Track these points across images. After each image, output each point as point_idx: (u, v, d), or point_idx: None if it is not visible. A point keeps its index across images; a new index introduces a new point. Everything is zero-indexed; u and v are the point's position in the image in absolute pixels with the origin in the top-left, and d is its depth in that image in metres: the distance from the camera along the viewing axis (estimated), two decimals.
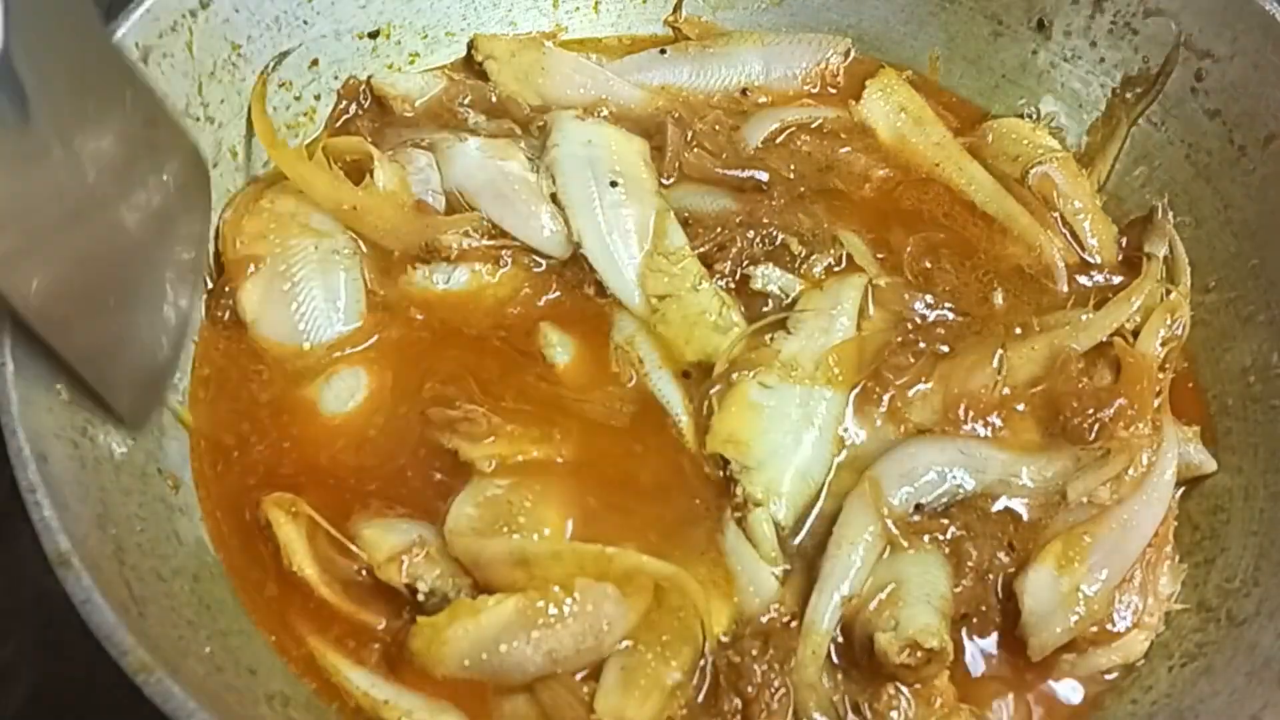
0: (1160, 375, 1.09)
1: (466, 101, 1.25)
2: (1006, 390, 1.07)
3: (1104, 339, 1.10)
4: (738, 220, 1.16)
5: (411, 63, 1.27)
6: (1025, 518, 1.01)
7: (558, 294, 1.12)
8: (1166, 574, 1.00)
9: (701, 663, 0.92)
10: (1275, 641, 0.92)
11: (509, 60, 1.28)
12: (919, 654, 0.89)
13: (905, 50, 1.34)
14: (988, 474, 1.01)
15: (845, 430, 1.04)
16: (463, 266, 1.11)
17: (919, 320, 1.11)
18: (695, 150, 1.22)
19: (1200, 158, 1.16)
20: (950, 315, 1.12)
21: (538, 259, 1.13)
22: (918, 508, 0.99)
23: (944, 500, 1.00)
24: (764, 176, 1.22)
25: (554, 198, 1.14)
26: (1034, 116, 1.28)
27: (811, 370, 1.05)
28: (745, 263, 1.13)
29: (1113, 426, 1.05)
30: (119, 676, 0.72)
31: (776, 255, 1.14)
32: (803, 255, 1.14)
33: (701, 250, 1.13)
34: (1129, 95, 1.22)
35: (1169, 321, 1.12)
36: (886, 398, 1.06)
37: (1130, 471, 1.02)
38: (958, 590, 0.96)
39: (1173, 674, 0.96)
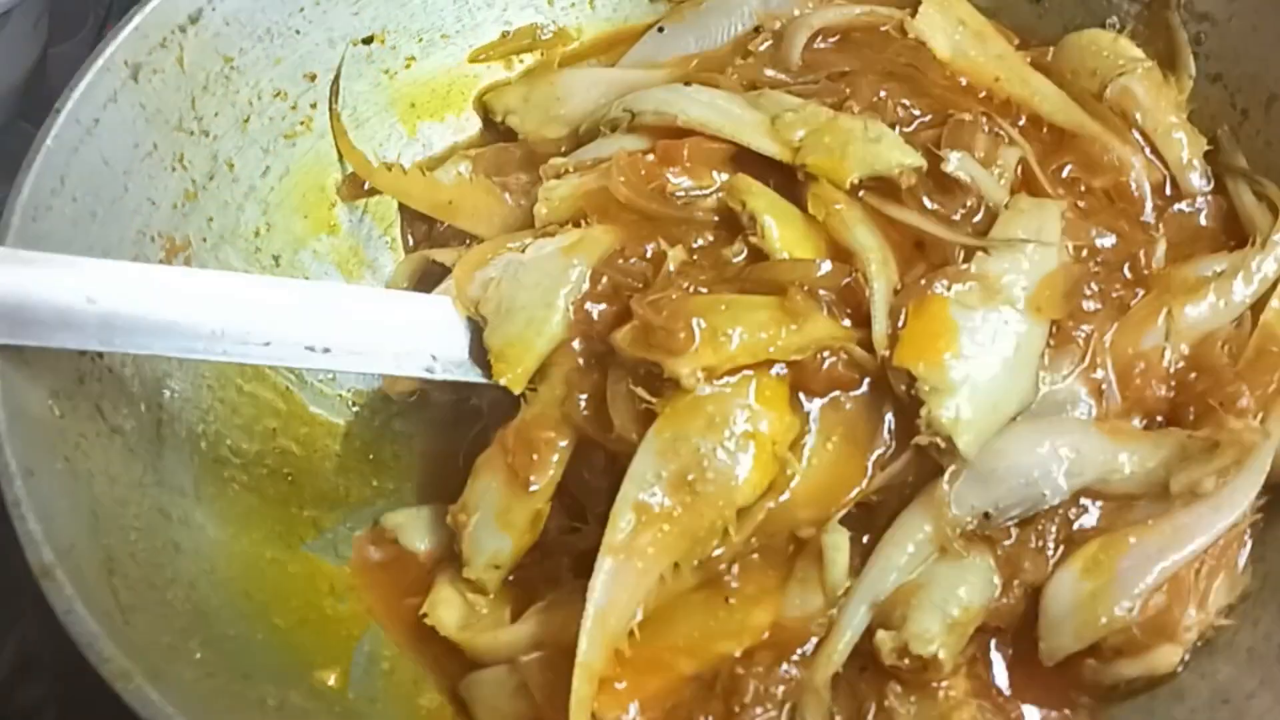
0: None
1: (504, 168, 1.23)
2: (1183, 352, 1.01)
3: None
4: (845, 90, 1.10)
5: (408, 67, 1.27)
6: (1096, 524, 0.95)
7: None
8: (1222, 585, 0.92)
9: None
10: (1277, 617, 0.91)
11: (525, 105, 1.26)
12: (907, 659, 0.88)
13: None
14: (1084, 475, 0.93)
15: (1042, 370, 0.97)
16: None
17: (1100, 259, 1.03)
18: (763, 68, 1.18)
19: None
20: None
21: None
22: (986, 516, 0.92)
23: (1017, 513, 0.93)
24: (840, 67, 1.15)
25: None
26: (1117, 26, 1.20)
27: (1018, 298, 0.96)
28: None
29: (1223, 414, 0.96)
30: None
31: (961, 137, 1.05)
32: (986, 146, 1.06)
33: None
34: None
35: None
36: (1075, 343, 0.99)
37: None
38: (998, 603, 0.92)
39: None
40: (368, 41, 1.24)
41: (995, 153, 1.06)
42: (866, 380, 0.95)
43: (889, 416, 0.96)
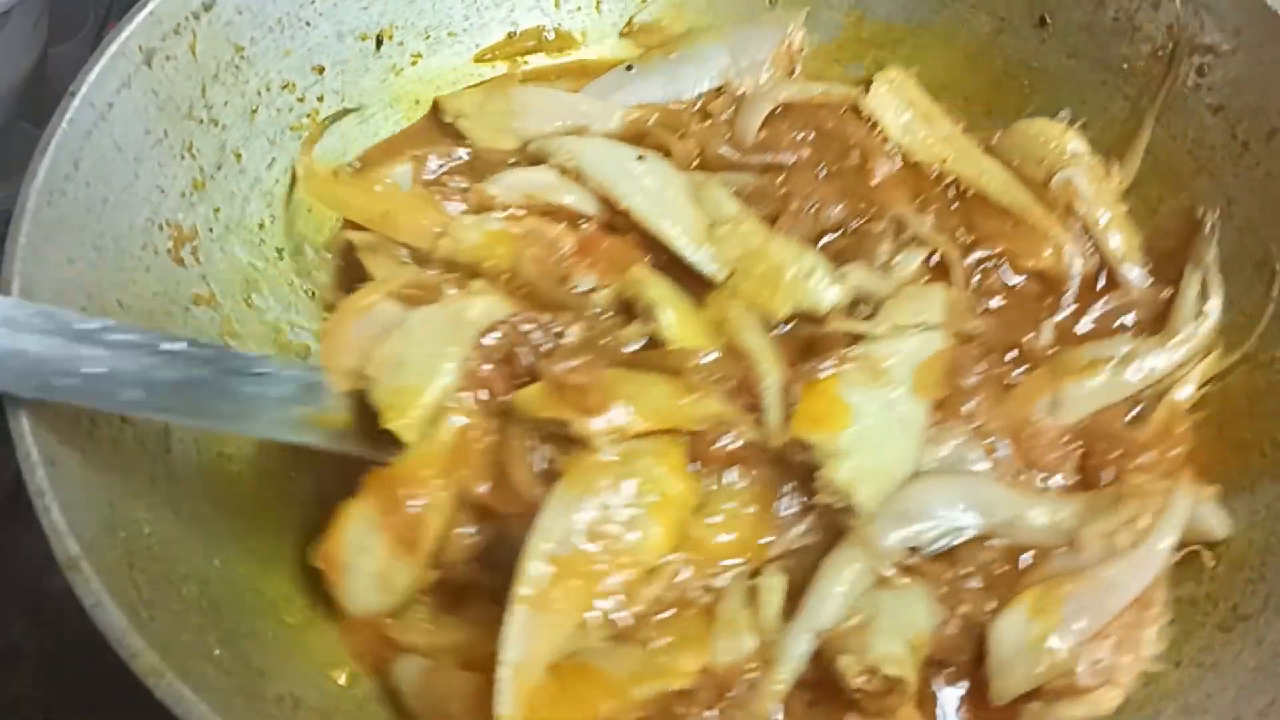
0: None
1: (442, 169, 1.22)
2: (1071, 424, 1.07)
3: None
4: (781, 193, 1.16)
5: (414, 64, 1.27)
6: (1025, 568, 0.99)
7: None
8: (1151, 635, 0.97)
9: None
10: None
11: (479, 113, 1.24)
12: (876, 680, 0.89)
13: (906, 46, 1.33)
14: (995, 516, 0.99)
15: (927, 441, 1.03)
16: (511, 210, 1.11)
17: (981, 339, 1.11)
18: (718, 140, 1.22)
19: (1203, 153, 1.15)
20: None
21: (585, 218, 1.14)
22: (913, 550, 0.97)
23: (942, 543, 0.98)
24: (788, 158, 1.21)
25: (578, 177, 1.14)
26: (1065, 118, 1.24)
27: (900, 379, 1.03)
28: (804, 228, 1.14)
29: (1130, 475, 1.04)
30: None
31: (865, 247, 1.14)
32: (890, 253, 1.14)
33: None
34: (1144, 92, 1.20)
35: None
36: (960, 416, 1.05)
37: (1138, 524, 0.98)
38: (941, 633, 0.95)
39: (1180, 670, 0.96)
40: (376, 37, 1.24)
41: (894, 258, 1.14)
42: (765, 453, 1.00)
43: (789, 485, 1.00)
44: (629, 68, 1.30)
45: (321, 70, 1.20)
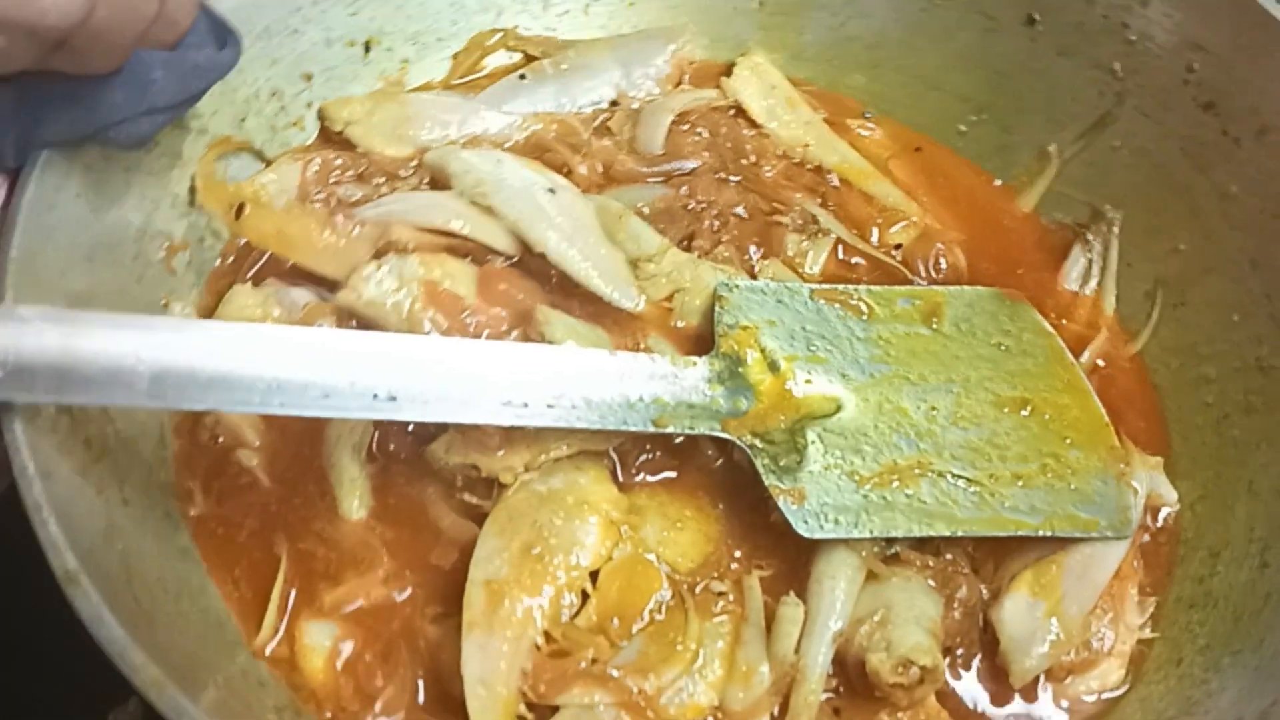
0: None
1: (335, 179, 1.16)
2: None
3: None
4: (685, 206, 1.18)
5: (403, 69, 1.27)
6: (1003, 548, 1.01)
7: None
8: (1134, 606, 1.01)
9: None
10: None
11: (369, 119, 1.20)
12: (912, 671, 0.90)
13: (898, 46, 1.33)
14: None
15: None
16: (412, 258, 1.05)
17: None
18: (623, 155, 1.23)
19: (1194, 150, 1.15)
20: None
21: (494, 255, 1.10)
22: (889, 542, 0.98)
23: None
24: (690, 164, 1.23)
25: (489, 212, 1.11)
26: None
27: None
28: (720, 242, 1.16)
29: None
30: None
31: (775, 242, 1.18)
32: (800, 244, 1.18)
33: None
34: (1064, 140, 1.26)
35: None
36: None
37: None
38: (948, 619, 0.96)
39: (1181, 669, 0.96)
40: (364, 43, 1.23)
41: (806, 246, 1.19)
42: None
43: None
44: (522, 76, 1.29)
45: (310, 77, 1.19)
